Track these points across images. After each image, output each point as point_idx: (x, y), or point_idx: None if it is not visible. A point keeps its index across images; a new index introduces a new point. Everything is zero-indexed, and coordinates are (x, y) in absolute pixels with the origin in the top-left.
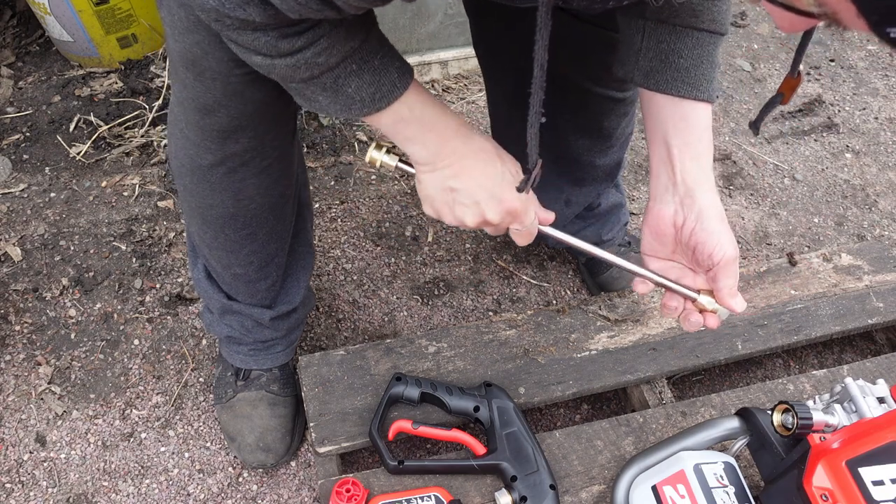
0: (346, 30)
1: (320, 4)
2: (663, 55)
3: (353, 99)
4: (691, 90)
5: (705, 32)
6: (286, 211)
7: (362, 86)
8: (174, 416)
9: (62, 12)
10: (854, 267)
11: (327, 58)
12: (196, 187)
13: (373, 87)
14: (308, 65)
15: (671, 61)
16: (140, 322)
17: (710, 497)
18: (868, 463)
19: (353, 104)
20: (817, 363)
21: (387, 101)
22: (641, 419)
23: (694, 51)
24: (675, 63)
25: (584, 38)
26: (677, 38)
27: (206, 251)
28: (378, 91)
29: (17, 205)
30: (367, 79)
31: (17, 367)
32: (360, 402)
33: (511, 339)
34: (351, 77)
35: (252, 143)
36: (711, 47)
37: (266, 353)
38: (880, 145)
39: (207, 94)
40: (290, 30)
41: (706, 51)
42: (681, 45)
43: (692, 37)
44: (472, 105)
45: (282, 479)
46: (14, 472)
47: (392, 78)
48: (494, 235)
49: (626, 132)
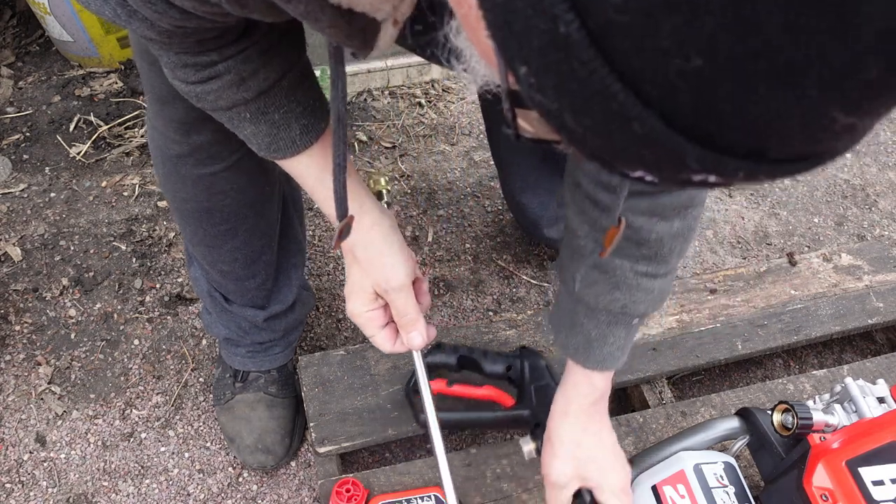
0: (241, 78)
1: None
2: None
3: (251, 141)
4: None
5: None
6: (268, 208)
7: (258, 133)
8: (174, 416)
9: (62, 12)
10: (854, 267)
11: (216, 99)
12: (168, 179)
13: (269, 138)
14: (201, 100)
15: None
16: (140, 322)
17: (710, 497)
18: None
19: (251, 144)
20: (817, 363)
21: (282, 154)
22: (641, 419)
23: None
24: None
25: None
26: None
27: (191, 247)
28: (274, 143)
29: (17, 205)
30: (263, 129)
31: (17, 367)
32: (360, 402)
33: (511, 339)
34: (245, 123)
35: (217, 135)
36: (607, 326)
37: (264, 355)
38: (880, 145)
39: (162, 84)
40: (190, 59)
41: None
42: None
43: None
44: (473, 105)
45: (282, 480)
46: (14, 472)
47: (292, 135)
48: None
49: None
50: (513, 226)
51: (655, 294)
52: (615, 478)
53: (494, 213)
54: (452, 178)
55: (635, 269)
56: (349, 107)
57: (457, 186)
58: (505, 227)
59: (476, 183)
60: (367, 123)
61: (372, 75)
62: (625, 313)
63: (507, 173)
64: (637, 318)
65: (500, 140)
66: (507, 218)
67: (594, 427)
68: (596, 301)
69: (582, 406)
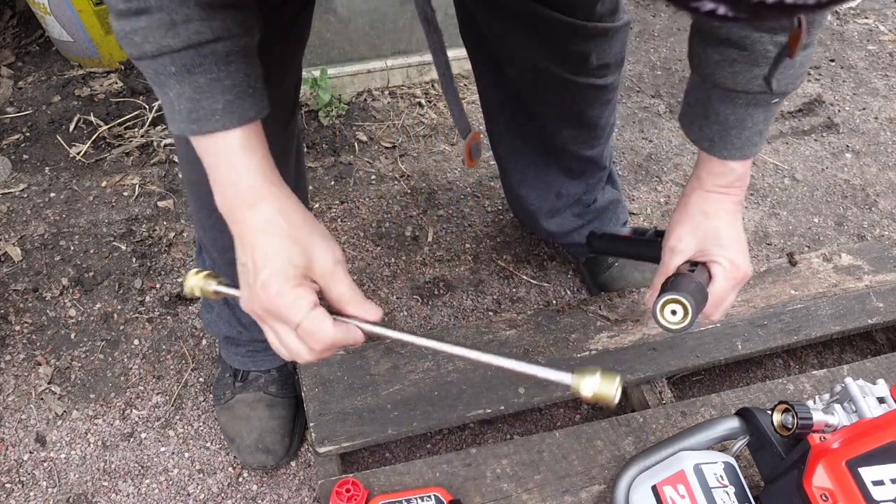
0: (171, 21)
1: None
2: (701, 108)
3: (174, 108)
4: (718, 149)
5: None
6: None
7: (181, 97)
8: (174, 416)
9: (62, 12)
10: (854, 267)
11: (142, 42)
12: (189, 153)
13: (190, 104)
14: (130, 43)
15: (708, 115)
16: (140, 322)
17: (710, 497)
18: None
19: (174, 114)
20: (817, 363)
21: (200, 126)
22: (641, 419)
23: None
24: (710, 119)
25: (560, 31)
26: (711, 96)
27: (202, 233)
28: (195, 111)
29: (17, 205)
30: (186, 91)
31: (17, 367)
32: (360, 402)
33: (511, 339)
34: (170, 80)
35: None
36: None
37: (264, 355)
38: (880, 145)
39: None
40: None
41: (738, 111)
42: (716, 104)
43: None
44: (473, 105)
45: (282, 479)
46: (14, 472)
47: (214, 106)
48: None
49: (609, 122)
50: (513, 226)
51: (796, 68)
52: (734, 257)
53: (494, 213)
54: (452, 178)
55: (775, 41)
56: (349, 106)
57: (457, 186)
58: (505, 227)
59: (476, 183)
60: (367, 123)
61: (372, 75)
62: (765, 92)
63: (506, 167)
64: (777, 98)
65: (499, 136)
66: (507, 218)
67: (727, 207)
68: (734, 82)
69: (718, 185)
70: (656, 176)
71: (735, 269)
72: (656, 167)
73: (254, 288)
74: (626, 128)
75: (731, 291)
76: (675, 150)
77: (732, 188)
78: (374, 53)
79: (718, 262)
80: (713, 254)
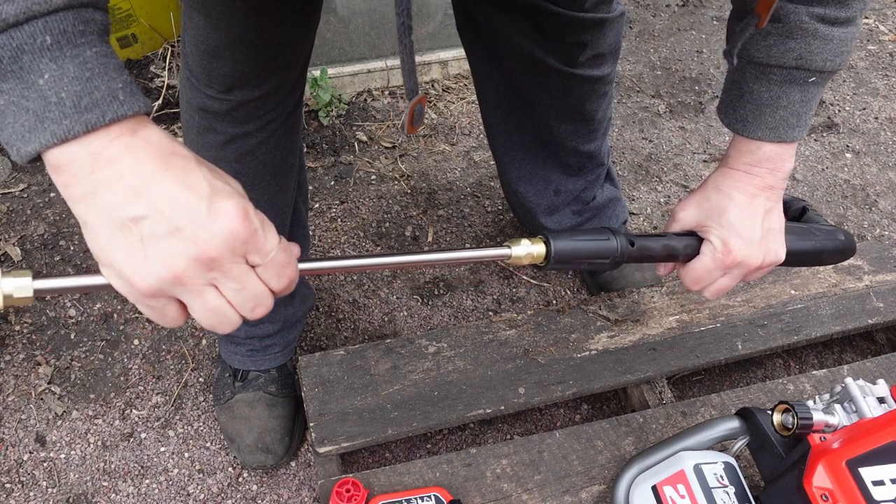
0: None
1: None
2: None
3: (47, 99)
4: (752, 128)
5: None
6: (289, 178)
7: (61, 78)
8: (174, 416)
9: None
10: (854, 267)
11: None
12: (198, 141)
13: (79, 86)
14: None
15: (743, 95)
16: (140, 322)
17: (710, 497)
18: (868, 463)
19: (48, 109)
20: (817, 363)
21: (99, 114)
22: (641, 419)
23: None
24: (746, 98)
25: (555, 22)
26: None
27: None
28: (87, 94)
29: (17, 205)
30: (70, 70)
31: (17, 367)
32: (360, 402)
33: (511, 339)
34: (43, 58)
35: (257, 92)
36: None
37: (264, 354)
38: (880, 145)
39: (216, 35)
40: None
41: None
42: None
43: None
44: (473, 105)
45: (282, 479)
46: (14, 472)
47: (112, 86)
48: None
49: (606, 116)
50: (513, 226)
51: (835, 44)
52: (729, 238)
53: (494, 213)
54: (452, 178)
55: (811, 12)
56: (349, 106)
57: (457, 186)
58: (505, 227)
59: (476, 183)
60: (367, 123)
61: (372, 75)
62: (800, 67)
63: (504, 162)
64: (814, 76)
65: (498, 133)
66: (507, 218)
67: (745, 187)
68: (768, 56)
69: (742, 162)
70: (656, 176)
71: (726, 251)
72: (656, 167)
73: (201, 223)
74: (626, 128)
75: (715, 272)
76: (675, 150)
77: (758, 168)
78: (374, 53)
79: (710, 240)
80: (709, 230)
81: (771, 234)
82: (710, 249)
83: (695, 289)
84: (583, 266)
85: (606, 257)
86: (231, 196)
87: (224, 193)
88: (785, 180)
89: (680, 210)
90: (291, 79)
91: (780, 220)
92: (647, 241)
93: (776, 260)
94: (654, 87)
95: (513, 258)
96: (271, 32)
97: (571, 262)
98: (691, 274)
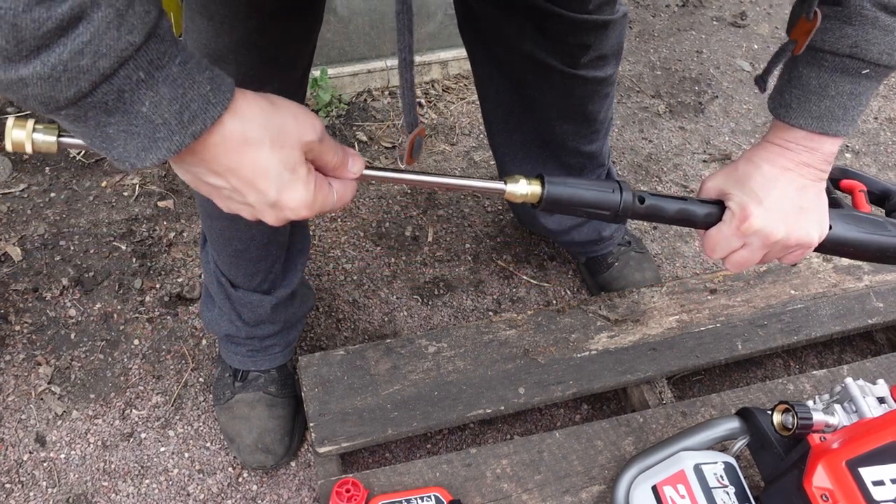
0: (118, 12)
1: None
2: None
3: (154, 125)
4: (795, 116)
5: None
6: None
7: (161, 102)
8: (174, 416)
9: None
10: (854, 267)
11: (95, 58)
12: None
13: (177, 105)
14: (69, 72)
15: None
16: (140, 322)
17: (710, 497)
18: (868, 463)
19: (155, 133)
20: (817, 363)
21: (202, 123)
22: (641, 419)
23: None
24: (794, 84)
25: (558, 23)
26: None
27: (209, 222)
28: (186, 109)
29: (17, 205)
30: (164, 92)
31: (17, 367)
32: (360, 402)
33: (511, 339)
34: (139, 92)
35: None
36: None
37: (263, 354)
38: (880, 145)
39: (219, 39)
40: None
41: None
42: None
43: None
44: (473, 105)
45: (282, 480)
46: (14, 472)
47: (202, 91)
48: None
49: (608, 116)
50: (513, 226)
51: (894, 36)
52: (748, 203)
53: (494, 213)
54: None
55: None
56: (349, 106)
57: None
58: (505, 227)
59: None
60: (367, 123)
61: (372, 75)
62: (854, 56)
63: (504, 162)
64: (868, 69)
65: (498, 132)
66: (507, 218)
67: (778, 160)
68: (822, 40)
69: (779, 137)
70: (656, 176)
71: (742, 217)
72: (656, 167)
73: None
74: (626, 128)
75: (732, 239)
76: (675, 150)
77: (794, 144)
78: (374, 53)
79: (729, 206)
80: (731, 197)
81: (804, 212)
82: (728, 216)
83: (713, 257)
84: (581, 215)
85: (607, 209)
86: (284, 187)
87: (285, 183)
88: (828, 163)
89: (708, 180)
90: (294, 81)
91: (818, 201)
92: (661, 200)
93: (806, 240)
94: (653, 87)
95: (507, 194)
96: (274, 35)
97: (567, 209)
98: (708, 240)
